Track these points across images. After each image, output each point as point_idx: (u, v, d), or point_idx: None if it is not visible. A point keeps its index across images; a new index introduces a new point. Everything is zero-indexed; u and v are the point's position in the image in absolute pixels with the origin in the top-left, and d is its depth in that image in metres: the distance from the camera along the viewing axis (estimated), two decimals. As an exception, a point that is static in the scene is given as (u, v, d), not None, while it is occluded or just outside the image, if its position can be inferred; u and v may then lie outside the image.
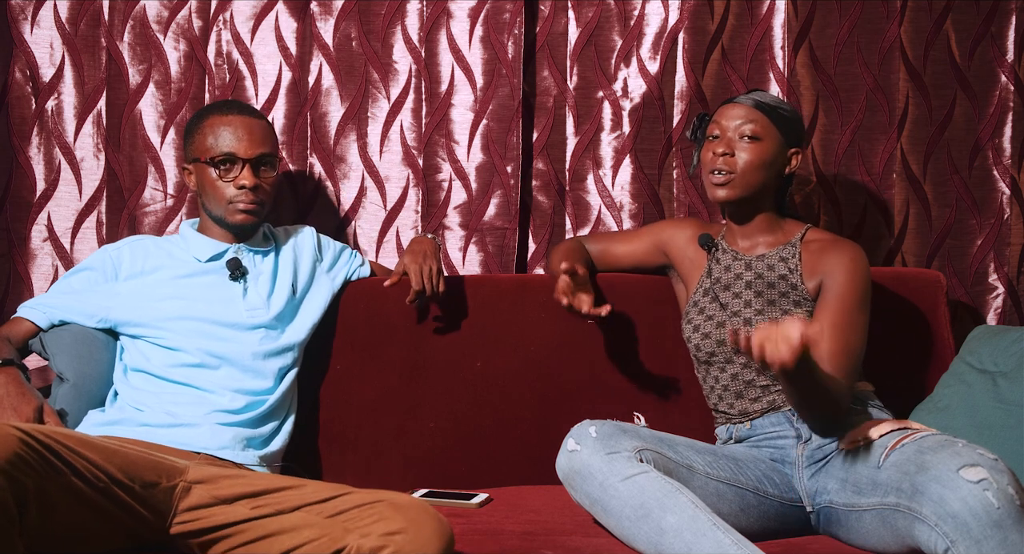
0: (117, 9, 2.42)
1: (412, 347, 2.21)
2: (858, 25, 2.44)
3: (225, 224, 2.05)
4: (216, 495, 1.63)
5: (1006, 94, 2.45)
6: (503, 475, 2.12)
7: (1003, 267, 2.46)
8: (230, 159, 2.02)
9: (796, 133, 2.03)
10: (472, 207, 2.47)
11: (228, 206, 2.02)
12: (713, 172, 1.98)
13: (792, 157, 2.02)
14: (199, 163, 2.04)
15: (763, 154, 1.97)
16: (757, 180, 1.98)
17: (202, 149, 2.04)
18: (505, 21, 2.44)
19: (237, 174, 2.02)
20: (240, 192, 2.01)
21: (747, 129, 1.97)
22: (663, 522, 1.61)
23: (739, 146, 1.97)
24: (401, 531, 1.48)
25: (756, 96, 2.01)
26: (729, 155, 1.96)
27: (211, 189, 2.03)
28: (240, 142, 2.02)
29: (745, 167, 1.96)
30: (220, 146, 2.02)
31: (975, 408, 1.99)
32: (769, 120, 1.98)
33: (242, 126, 2.04)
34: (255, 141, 2.04)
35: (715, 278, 2.03)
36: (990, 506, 1.50)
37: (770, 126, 1.98)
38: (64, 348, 1.97)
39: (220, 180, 2.02)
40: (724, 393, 1.97)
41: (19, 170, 2.43)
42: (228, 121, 2.04)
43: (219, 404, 1.91)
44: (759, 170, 1.97)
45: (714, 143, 2.00)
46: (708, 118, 2.08)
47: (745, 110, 1.99)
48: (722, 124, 2.00)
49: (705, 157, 2.02)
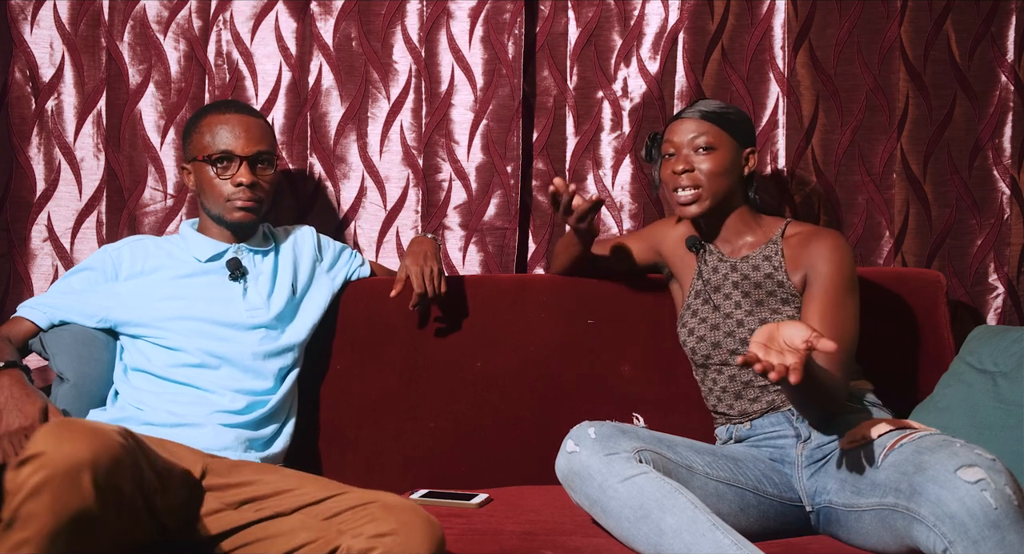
0: (117, 9, 2.43)
1: (412, 347, 2.21)
2: (858, 25, 2.44)
3: (224, 222, 2.06)
4: (225, 501, 1.65)
5: (1006, 94, 2.45)
6: (503, 475, 2.13)
7: (1003, 267, 2.46)
8: (227, 157, 2.02)
9: (747, 134, 2.04)
10: (472, 207, 2.47)
11: (226, 204, 2.03)
12: (677, 190, 1.99)
13: (749, 157, 2.04)
14: (197, 162, 2.04)
15: (721, 162, 1.98)
16: (722, 187, 1.99)
17: (200, 148, 2.04)
18: (505, 21, 2.44)
19: (235, 172, 2.02)
20: (238, 189, 2.02)
21: (700, 141, 1.99)
22: (662, 523, 1.61)
23: (696, 159, 1.98)
24: (391, 533, 1.50)
25: (701, 107, 2.02)
26: (689, 171, 1.98)
27: (209, 187, 2.03)
28: (237, 140, 2.03)
29: (707, 178, 1.97)
30: (217, 144, 2.02)
31: (975, 408, 1.99)
32: (719, 127, 1.99)
33: (239, 124, 2.04)
34: (252, 139, 2.04)
35: (705, 280, 2.03)
36: (988, 506, 1.50)
37: (721, 133, 1.99)
38: (64, 348, 1.97)
39: (218, 178, 2.02)
40: (723, 394, 1.97)
41: (19, 170, 2.43)
42: (225, 120, 2.04)
43: (220, 405, 1.92)
44: (720, 177, 1.98)
45: (671, 161, 2.01)
46: (660, 137, 2.09)
47: (694, 123, 2.00)
48: (674, 141, 2.01)
49: (665, 175, 2.03)
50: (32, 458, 1.37)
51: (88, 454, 1.38)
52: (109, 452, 1.41)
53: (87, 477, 1.37)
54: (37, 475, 1.36)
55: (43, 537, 1.35)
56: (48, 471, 1.36)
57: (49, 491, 1.36)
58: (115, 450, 1.42)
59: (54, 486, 1.36)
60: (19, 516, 1.36)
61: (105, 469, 1.40)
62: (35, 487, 1.36)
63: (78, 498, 1.37)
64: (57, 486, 1.36)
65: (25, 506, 1.35)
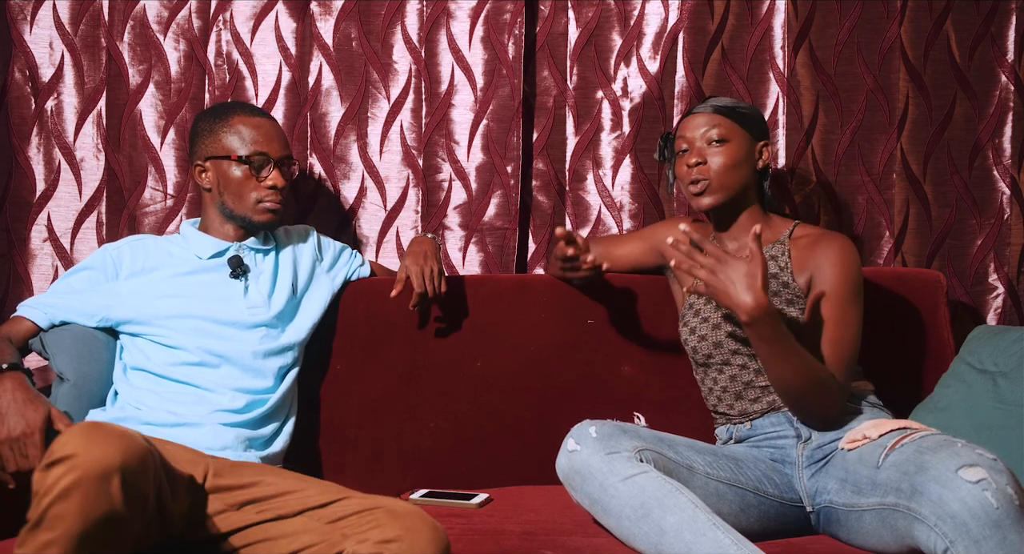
0: (117, 9, 2.42)
1: (412, 347, 2.21)
2: (858, 25, 2.44)
3: (244, 222, 2.06)
4: (228, 503, 1.65)
5: (1006, 94, 2.45)
6: (503, 475, 2.13)
7: (1003, 267, 2.46)
8: (263, 159, 2.04)
9: (759, 127, 2.04)
10: (472, 207, 2.47)
11: (256, 205, 2.04)
12: (690, 183, 1.99)
13: (762, 150, 2.03)
14: (223, 160, 2.04)
15: (735, 154, 1.98)
16: (735, 180, 1.98)
17: (227, 147, 2.04)
18: (505, 21, 2.44)
19: (267, 174, 2.04)
20: (270, 192, 2.04)
21: (713, 134, 1.98)
22: (663, 522, 1.61)
23: (709, 152, 1.98)
24: (397, 539, 1.49)
25: (712, 102, 2.03)
26: (702, 164, 1.97)
27: (237, 187, 2.04)
28: (272, 142, 2.05)
29: (720, 169, 1.97)
30: (251, 145, 2.04)
31: (975, 408, 1.99)
32: (731, 120, 1.99)
33: (271, 128, 2.08)
34: (283, 143, 2.08)
35: None
36: (989, 506, 1.50)
37: (733, 126, 1.99)
38: (64, 348, 1.97)
39: (249, 179, 2.03)
40: (723, 394, 1.97)
41: (19, 170, 2.43)
42: (257, 123, 2.06)
43: (220, 403, 1.91)
44: (734, 170, 1.98)
45: (685, 156, 2.01)
46: (672, 136, 2.09)
47: (706, 117, 2.00)
48: (687, 137, 2.01)
49: (680, 171, 2.03)
50: (63, 460, 1.37)
51: (119, 458, 1.39)
52: (137, 456, 1.42)
53: (116, 481, 1.38)
54: (67, 477, 1.36)
55: (70, 538, 1.35)
56: (79, 473, 1.36)
57: (79, 493, 1.36)
58: (142, 454, 1.43)
59: (84, 489, 1.36)
60: (47, 517, 1.36)
61: (134, 473, 1.40)
62: (65, 489, 1.36)
63: (107, 502, 1.37)
64: (87, 489, 1.36)
65: (54, 507, 1.36)
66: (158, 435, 1.80)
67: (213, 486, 1.67)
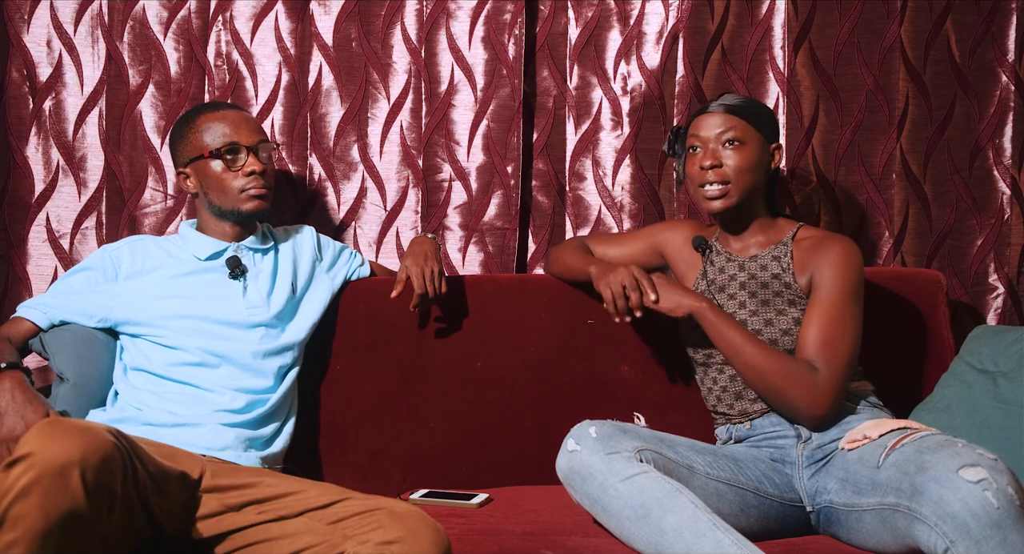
0: (116, 9, 2.42)
1: (412, 347, 2.21)
2: (858, 25, 2.44)
3: (237, 215, 2.06)
4: (226, 504, 1.65)
5: (1006, 94, 2.45)
6: (503, 475, 2.12)
7: (1003, 267, 2.46)
8: (234, 148, 2.03)
9: (772, 128, 2.03)
10: (472, 207, 2.47)
11: (240, 195, 2.04)
12: (704, 186, 1.97)
13: (774, 152, 2.02)
14: (199, 161, 2.04)
15: (750, 157, 1.96)
16: (749, 183, 1.97)
17: (200, 146, 2.04)
18: (505, 21, 2.44)
19: (243, 162, 2.04)
20: (250, 179, 2.04)
21: (728, 135, 1.96)
22: (663, 522, 1.61)
23: (723, 154, 1.96)
24: (398, 540, 1.49)
25: (726, 100, 2.00)
26: (717, 166, 1.95)
27: (218, 183, 2.04)
28: (240, 131, 2.05)
29: (736, 173, 1.95)
30: (221, 138, 2.04)
31: (975, 408, 1.99)
32: (746, 122, 1.97)
33: (236, 117, 2.08)
34: (252, 129, 2.08)
35: (710, 280, 2.03)
36: (989, 506, 1.49)
37: (748, 127, 1.97)
38: (64, 348, 1.97)
39: (227, 171, 2.03)
40: (723, 394, 1.97)
41: (17, 170, 2.43)
42: (220, 116, 2.07)
43: (220, 403, 1.91)
44: (749, 173, 1.96)
45: (698, 156, 1.99)
46: (683, 131, 2.08)
47: (721, 118, 1.98)
48: (701, 136, 1.99)
49: (692, 171, 2.00)
50: (21, 459, 1.37)
51: (77, 453, 1.37)
52: (99, 451, 1.40)
53: (76, 477, 1.36)
54: (26, 476, 1.35)
55: (33, 537, 1.34)
56: (37, 471, 1.35)
57: (38, 491, 1.35)
58: (105, 449, 1.41)
59: (43, 486, 1.35)
60: (8, 517, 1.35)
61: (95, 468, 1.38)
62: (24, 488, 1.35)
63: (67, 498, 1.36)
64: (46, 486, 1.35)
65: (14, 507, 1.35)
66: (158, 435, 1.81)
67: (211, 486, 1.66)
